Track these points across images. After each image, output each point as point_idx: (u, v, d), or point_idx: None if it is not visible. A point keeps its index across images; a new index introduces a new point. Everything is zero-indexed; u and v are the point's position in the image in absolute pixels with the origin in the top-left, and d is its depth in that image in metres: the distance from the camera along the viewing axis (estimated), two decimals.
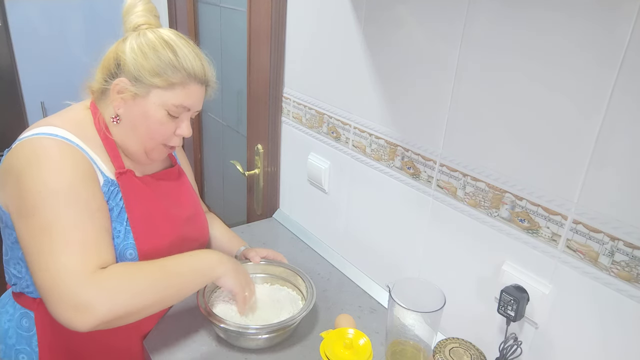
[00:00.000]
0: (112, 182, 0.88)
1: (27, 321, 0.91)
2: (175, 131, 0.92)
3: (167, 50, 0.86)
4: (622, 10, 0.61)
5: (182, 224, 0.99)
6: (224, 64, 1.85)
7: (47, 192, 0.77)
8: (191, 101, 0.90)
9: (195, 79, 0.89)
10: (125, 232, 0.87)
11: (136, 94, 0.86)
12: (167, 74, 0.86)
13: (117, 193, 0.88)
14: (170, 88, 0.87)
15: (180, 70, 0.86)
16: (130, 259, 0.87)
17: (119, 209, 0.88)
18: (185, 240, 0.99)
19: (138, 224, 0.89)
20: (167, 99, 0.87)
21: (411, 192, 1.00)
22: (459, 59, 0.84)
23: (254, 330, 0.89)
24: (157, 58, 0.86)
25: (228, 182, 2.04)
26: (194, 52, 0.90)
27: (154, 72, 0.85)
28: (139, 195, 0.92)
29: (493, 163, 0.82)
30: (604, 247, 0.69)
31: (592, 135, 0.67)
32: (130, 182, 0.91)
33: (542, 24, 0.70)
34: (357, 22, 1.04)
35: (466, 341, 0.84)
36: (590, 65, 0.66)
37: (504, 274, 0.83)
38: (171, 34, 0.90)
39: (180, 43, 0.89)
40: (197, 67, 0.89)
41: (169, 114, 0.88)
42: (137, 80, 0.86)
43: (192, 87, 0.89)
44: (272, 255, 1.12)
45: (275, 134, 1.41)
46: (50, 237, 0.76)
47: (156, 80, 0.85)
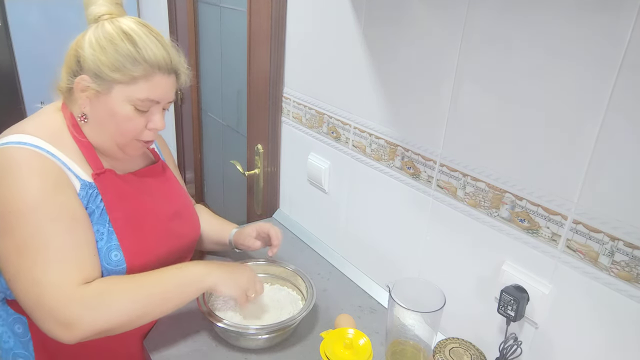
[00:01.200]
0: (90, 184, 0.85)
1: (20, 327, 0.90)
2: (147, 125, 0.88)
3: (126, 42, 0.82)
4: (621, 11, 0.61)
5: (169, 220, 0.97)
6: (224, 64, 1.85)
7: (18, 210, 0.76)
8: (158, 93, 0.85)
9: (160, 69, 0.84)
10: (108, 233, 0.85)
11: (98, 91, 0.83)
12: (127, 68, 0.81)
13: (96, 195, 0.85)
14: (132, 82, 0.82)
15: (141, 62, 0.82)
16: (116, 261, 0.85)
17: (99, 210, 0.85)
18: (175, 237, 0.97)
19: (121, 224, 0.87)
20: (131, 94, 0.83)
21: (411, 192, 1.00)
22: (459, 59, 0.84)
23: (254, 330, 0.89)
24: (116, 52, 0.81)
25: (228, 182, 2.04)
26: (157, 40, 0.85)
27: (113, 67, 0.81)
28: (120, 194, 0.89)
29: (493, 163, 0.82)
30: (604, 247, 0.69)
31: (592, 135, 0.67)
32: (109, 182, 0.88)
33: (541, 25, 0.70)
34: (357, 22, 1.04)
35: (466, 341, 0.84)
36: (590, 65, 0.66)
37: (504, 274, 0.83)
38: (132, 23, 0.85)
39: (142, 32, 0.84)
40: (161, 56, 0.84)
41: (137, 108, 0.84)
42: (98, 77, 0.82)
43: (157, 79, 0.84)
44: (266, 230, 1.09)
45: (275, 134, 1.41)
46: (27, 257, 0.75)
47: (117, 76, 0.81)
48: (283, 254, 1.23)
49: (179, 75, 0.90)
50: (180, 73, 0.90)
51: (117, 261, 0.85)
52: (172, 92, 0.89)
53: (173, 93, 0.90)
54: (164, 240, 0.94)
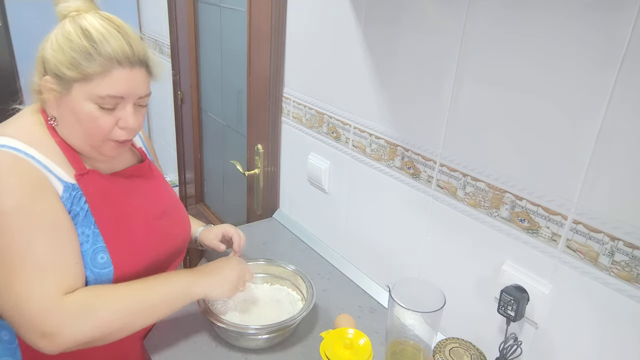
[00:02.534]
0: (73, 186, 0.83)
1: (6, 333, 0.88)
2: (117, 123, 0.84)
3: (82, 38, 0.78)
4: (622, 11, 0.61)
5: (157, 219, 0.95)
6: (224, 64, 1.85)
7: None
8: (121, 88, 0.81)
9: (120, 62, 0.79)
10: (93, 235, 0.83)
11: (60, 92, 0.80)
12: (81, 65, 0.78)
13: (80, 197, 0.83)
14: (89, 79, 0.78)
15: (96, 58, 0.78)
16: (102, 263, 0.83)
17: (84, 212, 0.83)
18: (164, 237, 0.95)
19: (107, 225, 0.84)
20: (90, 92, 0.79)
21: (411, 192, 1.00)
22: (459, 59, 0.84)
23: (254, 330, 0.89)
24: (71, 49, 0.78)
25: (228, 182, 2.04)
26: (118, 33, 0.80)
27: (69, 65, 0.78)
28: (105, 195, 0.87)
29: (493, 163, 0.82)
30: (604, 247, 0.69)
31: (592, 135, 0.67)
32: (93, 182, 0.86)
33: (542, 25, 0.70)
34: (357, 22, 1.04)
35: (466, 341, 0.84)
36: (590, 65, 0.66)
37: (504, 274, 0.83)
38: (94, 18, 0.81)
39: (101, 26, 0.80)
40: (120, 49, 0.79)
41: (101, 107, 0.80)
42: (58, 77, 0.79)
43: (117, 73, 0.79)
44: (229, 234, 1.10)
45: (275, 134, 1.41)
46: (6, 266, 0.73)
47: (73, 74, 0.78)
48: (283, 254, 1.23)
49: (150, 67, 0.85)
50: (151, 65, 0.85)
51: (103, 263, 0.83)
52: (140, 86, 0.84)
53: (143, 87, 0.85)
54: (153, 240, 0.92)
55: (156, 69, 0.87)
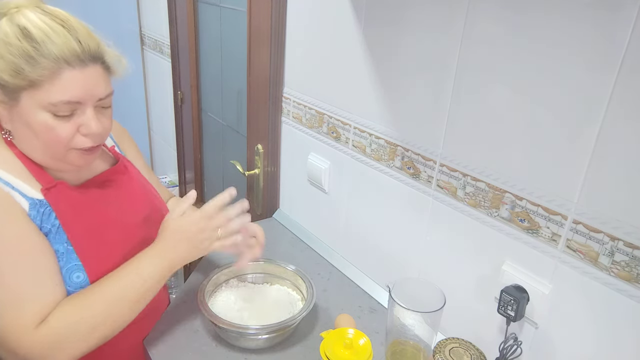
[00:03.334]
0: (41, 202, 0.76)
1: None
2: (79, 130, 0.75)
3: (22, 40, 0.69)
4: (622, 11, 0.61)
5: (138, 228, 0.89)
6: (224, 64, 1.85)
7: None
8: (74, 92, 0.71)
9: (68, 62, 0.70)
10: (67, 252, 0.77)
11: (8, 102, 0.72)
12: (24, 71, 0.68)
13: (49, 212, 0.76)
14: (36, 86, 0.69)
15: (40, 60, 0.68)
16: (78, 282, 0.78)
17: (55, 228, 0.76)
18: (145, 244, 0.87)
19: (81, 240, 0.78)
20: (40, 99, 0.70)
21: (411, 192, 1.00)
22: (459, 58, 0.84)
23: (254, 330, 0.89)
24: (10, 54, 0.69)
25: (228, 182, 2.04)
26: (62, 28, 0.71)
27: (11, 72, 0.69)
28: (77, 207, 0.80)
29: (493, 163, 0.82)
30: (604, 247, 0.69)
31: (592, 135, 0.67)
32: (63, 195, 0.79)
33: (542, 24, 0.70)
34: (357, 22, 1.04)
35: (466, 341, 0.84)
36: (590, 65, 0.66)
37: (504, 274, 0.83)
38: (35, 15, 0.71)
39: (42, 22, 0.70)
40: (66, 46, 0.70)
41: (55, 115, 0.72)
42: (2, 87, 0.71)
43: (68, 75, 0.70)
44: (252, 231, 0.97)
45: (275, 134, 1.41)
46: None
47: (17, 82, 0.69)
48: (283, 254, 1.23)
49: (107, 63, 0.76)
50: (107, 60, 0.76)
51: (79, 282, 0.78)
52: (98, 86, 0.75)
53: (102, 86, 0.75)
54: (133, 251, 0.85)
55: (115, 63, 0.77)
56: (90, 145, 0.78)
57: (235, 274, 1.08)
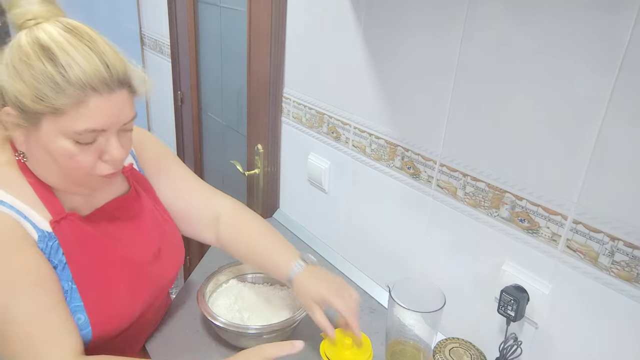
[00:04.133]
0: (49, 235, 0.71)
1: None
2: (101, 157, 0.71)
3: (44, 62, 0.63)
4: (622, 12, 0.61)
5: (147, 265, 0.84)
6: (224, 64, 1.85)
7: None
8: (99, 120, 0.66)
9: (95, 89, 0.64)
10: (71, 292, 0.72)
11: (27, 127, 0.66)
12: (48, 98, 0.63)
13: (57, 248, 0.71)
14: (60, 113, 0.64)
15: (65, 87, 0.63)
16: (79, 324, 0.73)
17: (62, 265, 0.72)
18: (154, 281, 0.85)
19: (86, 281, 0.73)
20: (63, 127, 0.65)
21: (411, 192, 1.00)
22: (459, 58, 0.84)
23: (254, 330, 0.89)
24: (32, 78, 0.63)
25: (228, 182, 2.04)
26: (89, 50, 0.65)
27: (33, 97, 0.63)
28: (84, 243, 0.75)
29: (493, 163, 0.82)
30: (604, 247, 0.69)
31: (592, 135, 0.67)
32: (71, 229, 0.74)
33: (541, 26, 0.70)
34: (357, 22, 1.04)
35: (466, 341, 0.84)
36: (590, 65, 0.66)
37: (504, 274, 0.83)
38: (55, 30, 0.65)
39: (66, 42, 0.64)
40: (94, 72, 0.64)
41: (77, 141, 0.67)
42: (21, 110, 0.65)
43: (94, 102, 0.65)
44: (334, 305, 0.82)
45: (275, 134, 1.41)
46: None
47: (39, 107, 0.63)
48: None
49: (133, 86, 0.71)
50: (133, 83, 0.70)
51: (80, 325, 0.73)
52: (123, 112, 0.70)
53: (127, 111, 0.71)
54: (140, 291, 0.81)
55: (140, 86, 0.72)
56: (111, 172, 0.74)
57: (235, 274, 1.08)
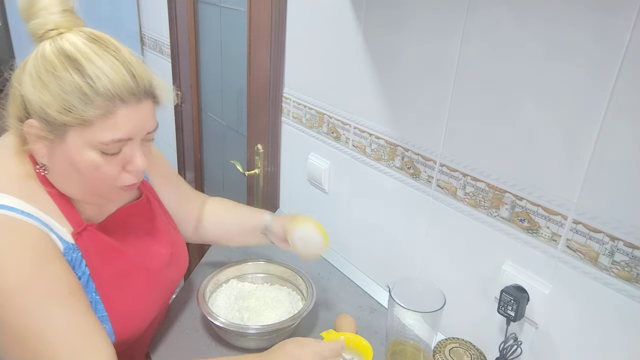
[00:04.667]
0: (73, 247, 0.72)
1: None
2: (124, 167, 0.71)
3: (72, 73, 0.63)
4: (622, 11, 0.61)
5: (162, 271, 0.86)
6: (224, 64, 1.85)
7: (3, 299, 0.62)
8: (126, 130, 0.67)
9: (123, 100, 0.65)
10: (95, 302, 0.73)
11: (51, 139, 0.66)
12: (76, 109, 0.63)
13: (80, 260, 0.72)
14: (87, 124, 0.64)
15: (94, 98, 0.63)
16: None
17: (85, 277, 0.73)
18: (165, 286, 0.87)
19: (108, 291, 0.74)
20: (90, 138, 0.65)
21: (411, 192, 1.00)
22: (459, 58, 0.84)
23: (254, 330, 0.89)
24: (60, 89, 0.63)
25: (228, 182, 2.04)
26: (115, 60, 0.65)
27: (60, 109, 0.63)
28: (104, 253, 0.76)
29: (493, 163, 0.82)
30: (604, 247, 0.69)
31: (592, 134, 0.67)
32: (91, 240, 0.74)
33: (542, 25, 0.70)
34: (357, 21, 1.04)
35: (466, 341, 0.84)
36: (590, 65, 0.66)
37: (504, 274, 0.83)
38: (80, 40, 0.65)
39: (92, 52, 0.64)
40: (122, 82, 0.65)
41: (103, 152, 0.67)
42: (47, 122, 0.64)
43: (122, 113, 0.65)
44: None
45: (275, 134, 1.41)
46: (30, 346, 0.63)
47: (66, 119, 0.63)
48: (283, 254, 1.23)
49: (157, 96, 0.72)
50: (157, 94, 0.71)
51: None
52: (148, 121, 0.71)
53: (151, 121, 0.72)
54: (156, 295, 0.83)
55: (163, 96, 0.73)
56: (133, 183, 0.74)
57: (235, 274, 1.08)
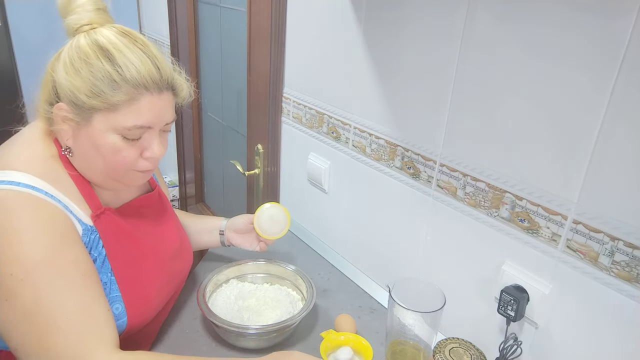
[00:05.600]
0: (91, 229, 0.76)
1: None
2: (142, 154, 0.77)
3: (102, 60, 0.69)
4: (622, 11, 0.61)
5: (168, 260, 0.90)
6: (224, 64, 1.85)
7: (24, 272, 0.66)
8: (148, 117, 0.73)
9: (147, 88, 0.71)
10: (110, 283, 0.76)
11: (78, 122, 0.72)
12: (105, 93, 0.69)
13: (98, 241, 0.76)
14: (113, 109, 0.70)
15: (121, 85, 0.69)
16: (117, 314, 0.77)
17: (102, 258, 0.76)
18: (173, 276, 0.90)
19: (123, 272, 0.78)
20: (114, 122, 0.71)
21: (411, 192, 1.00)
22: (459, 58, 0.84)
23: (254, 330, 0.89)
24: (90, 73, 0.69)
25: (228, 182, 2.04)
26: (142, 53, 0.72)
27: (90, 93, 0.69)
28: (120, 236, 0.80)
29: (493, 163, 0.82)
30: (604, 247, 0.69)
31: (592, 134, 0.67)
32: (109, 223, 0.79)
33: (542, 24, 0.70)
34: (357, 21, 1.04)
35: (466, 341, 0.84)
36: (590, 65, 0.66)
37: (504, 274, 0.83)
38: (112, 34, 0.72)
39: (122, 45, 0.71)
40: (146, 72, 0.71)
41: (125, 137, 0.73)
42: (75, 105, 0.70)
43: (145, 100, 0.71)
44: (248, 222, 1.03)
45: (275, 134, 1.41)
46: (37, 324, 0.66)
47: (94, 103, 0.69)
48: (283, 254, 1.23)
49: (177, 90, 0.78)
50: (177, 88, 0.78)
51: (118, 315, 0.77)
52: (167, 112, 0.77)
53: (170, 112, 0.78)
54: (163, 283, 0.87)
55: (184, 91, 0.79)
56: (150, 169, 0.80)
57: (235, 274, 1.08)
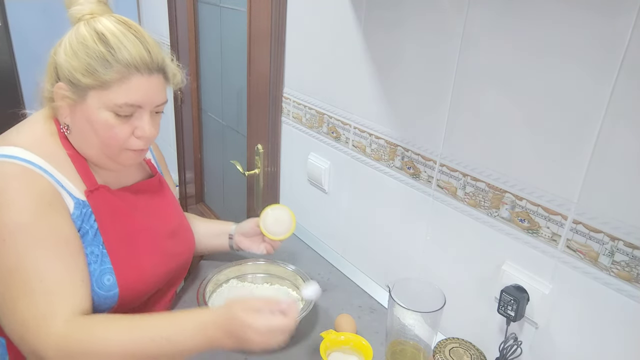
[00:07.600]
0: (84, 203, 0.81)
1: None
2: (134, 132, 0.82)
3: (98, 43, 0.76)
4: (622, 10, 0.61)
5: (165, 239, 0.93)
6: (224, 64, 1.85)
7: (7, 233, 0.71)
8: (138, 96, 0.79)
9: (138, 69, 0.77)
10: (101, 255, 0.81)
11: (74, 99, 0.78)
12: (98, 72, 0.76)
13: (90, 214, 0.81)
14: (106, 86, 0.76)
15: (114, 64, 0.75)
16: (108, 285, 0.81)
17: (93, 231, 0.81)
18: (170, 256, 0.94)
19: (115, 245, 0.82)
20: (106, 100, 0.77)
21: (411, 192, 1.00)
22: (459, 58, 0.84)
23: None
24: (86, 55, 0.76)
25: (228, 182, 2.04)
26: (135, 38, 0.78)
27: (85, 72, 0.76)
28: (114, 213, 0.85)
29: (493, 163, 0.82)
30: (604, 247, 0.69)
31: (592, 134, 0.67)
32: (103, 199, 0.84)
33: (542, 23, 0.70)
34: (357, 21, 1.04)
35: (466, 341, 0.84)
36: (590, 65, 0.66)
37: (504, 274, 0.83)
38: (110, 21, 0.79)
39: (118, 31, 0.78)
40: (138, 54, 0.77)
41: (117, 114, 0.79)
42: (72, 84, 0.77)
43: (135, 80, 0.77)
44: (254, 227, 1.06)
45: (275, 134, 1.41)
46: (13, 284, 0.71)
47: (88, 81, 0.76)
48: (283, 254, 1.23)
49: (168, 74, 0.84)
50: (168, 72, 0.83)
51: (109, 286, 0.81)
52: (158, 94, 0.82)
53: (161, 94, 0.83)
54: (159, 261, 0.90)
55: (177, 76, 0.86)
56: (141, 148, 0.84)
57: (235, 273, 1.08)
